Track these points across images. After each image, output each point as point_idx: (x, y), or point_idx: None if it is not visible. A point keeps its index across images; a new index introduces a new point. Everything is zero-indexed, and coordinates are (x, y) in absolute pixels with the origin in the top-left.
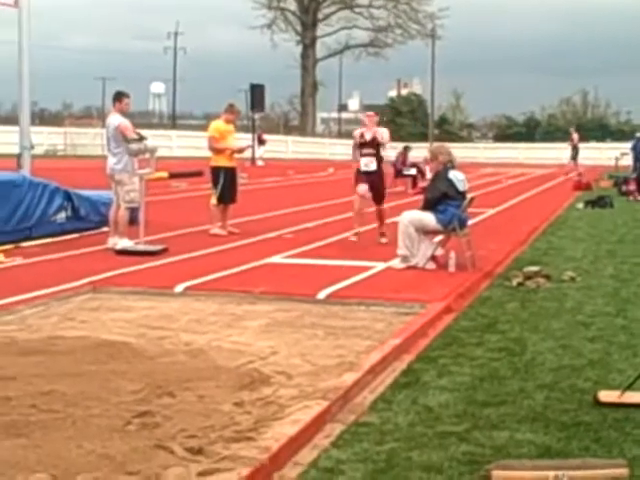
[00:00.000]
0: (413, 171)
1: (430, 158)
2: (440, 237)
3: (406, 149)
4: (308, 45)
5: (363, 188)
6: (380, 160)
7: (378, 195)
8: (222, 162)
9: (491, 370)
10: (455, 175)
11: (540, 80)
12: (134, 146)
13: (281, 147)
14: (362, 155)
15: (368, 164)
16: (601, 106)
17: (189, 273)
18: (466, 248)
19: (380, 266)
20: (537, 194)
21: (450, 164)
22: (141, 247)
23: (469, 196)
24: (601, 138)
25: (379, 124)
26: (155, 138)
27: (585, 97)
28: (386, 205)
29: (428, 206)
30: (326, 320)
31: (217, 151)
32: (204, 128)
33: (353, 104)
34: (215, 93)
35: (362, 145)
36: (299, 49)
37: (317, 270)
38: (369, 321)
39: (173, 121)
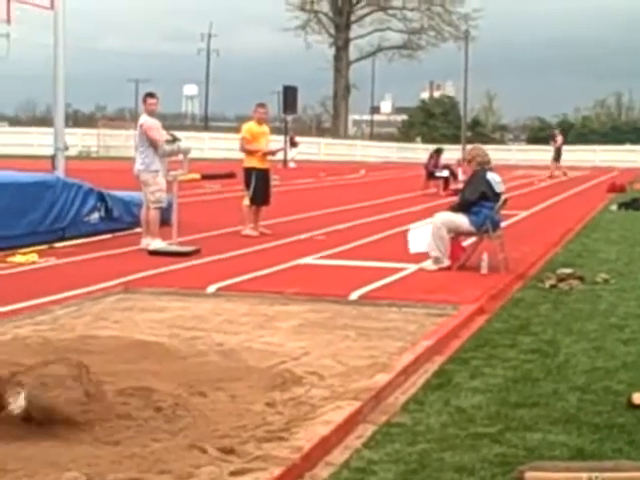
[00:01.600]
0: (445, 173)
1: (468, 159)
2: (473, 239)
3: (438, 152)
4: (341, 47)
5: None
6: None
7: None
8: (254, 163)
9: (524, 372)
10: (493, 177)
11: (574, 82)
12: (167, 147)
13: (313, 149)
14: None
15: None
16: (635, 108)
17: (221, 274)
18: (499, 250)
19: (412, 267)
20: (570, 196)
21: (487, 166)
22: (174, 248)
23: (503, 197)
24: (635, 140)
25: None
26: (187, 140)
27: (619, 99)
28: (419, 207)
29: (465, 206)
30: (358, 321)
31: (249, 152)
32: (236, 130)
33: (385, 106)
34: (247, 95)
35: None
36: (332, 51)
37: (349, 271)
38: (401, 322)
39: (205, 123)
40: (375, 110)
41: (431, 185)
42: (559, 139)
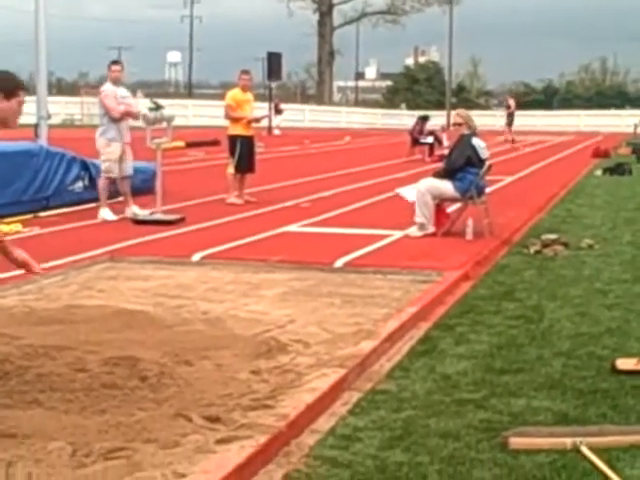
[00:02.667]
0: (430, 139)
1: (457, 123)
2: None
3: (424, 119)
4: (325, 13)
5: None
6: None
7: None
8: (239, 131)
9: (509, 338)
10: (478, 142)
11: (559, 47)
12: (150, 115)
13: (298, 116)
14: None
15: None
16: (620, 73)
17: (206, 242)
18: (484, 216)
19: (397, 234)
20: (555, 162)
21: (473, 131)
22: (158, 216)
23: (487, 163)
24: (620, 105)
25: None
26: (171, 107)
27: (604, 64)
28: (404, 173)
29: (450, 172)
30: (343, 288)
31: (234, 120)
32: (221, 97)
33: (370, 72)
34: (232, 62)
35: None
36: (316, 17)
37: (334, 239)
38: (386, 289)
39: (189, 90)
40: (360, 76)
41: (416, 151)
42: (512, 103)
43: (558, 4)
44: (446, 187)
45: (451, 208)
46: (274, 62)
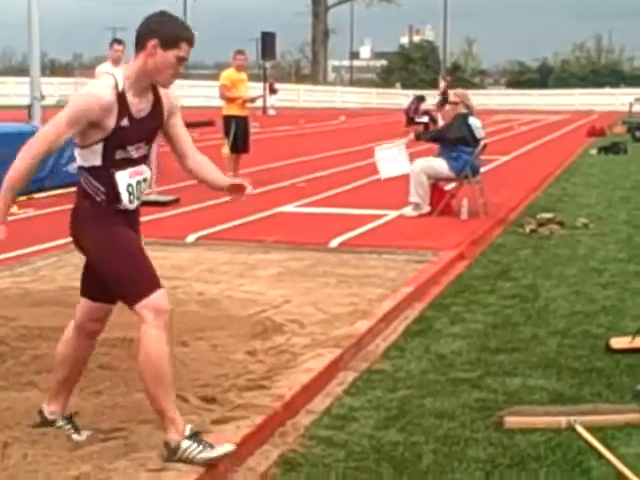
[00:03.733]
0: (425, 119)
1: (453, 102)
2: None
3: (420, 99)
4: None
5: None
6: None
7: None
8: (234, 111)
9: (504, 317)
10: (474, 121)
11: (554, 25)
12: None
13: (292, 96)
14: None
15: None
16: (615, 51)
17: (201, 223)
18: (479, 195)
19: (392, 214)
20: (550, 141)
21: (470, 111)
22: (153, 197)
23: (482, 143)
24: (615, 84)
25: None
26: None
27: (599, 42)
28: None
29: (437, 139)
30: (338, 269)
31: (229, 100)
32: (215, 77)
33: (365, 52)
34: (226, 42)
35: None
36: None
37: (329, 219)
38: (381, 269)
39: (184, 71)
40: (354, 56)
41: (411, 131)
42: (442, 85)
43: None
44: (441, 166)
45: (447, 187)
46: (268, 42)
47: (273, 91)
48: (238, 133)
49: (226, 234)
